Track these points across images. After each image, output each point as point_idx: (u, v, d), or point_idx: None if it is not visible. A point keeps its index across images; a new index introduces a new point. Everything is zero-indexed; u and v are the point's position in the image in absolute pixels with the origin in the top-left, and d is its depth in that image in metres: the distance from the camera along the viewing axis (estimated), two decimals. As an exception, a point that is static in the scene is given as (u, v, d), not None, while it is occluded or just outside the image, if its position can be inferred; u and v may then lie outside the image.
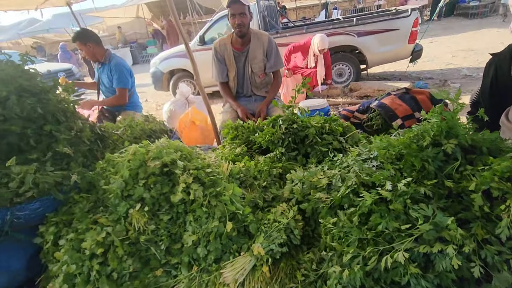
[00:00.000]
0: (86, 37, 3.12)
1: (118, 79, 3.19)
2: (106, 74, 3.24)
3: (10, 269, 1.23)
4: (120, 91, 3.22)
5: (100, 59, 3.21)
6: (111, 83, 3.25)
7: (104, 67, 3.24)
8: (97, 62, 3.26)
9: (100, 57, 3.20)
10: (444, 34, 10.76)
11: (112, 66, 3.19)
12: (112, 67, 3.18)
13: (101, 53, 3.19)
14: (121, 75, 3.20)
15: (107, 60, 3.21)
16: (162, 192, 1.18)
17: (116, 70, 3.18)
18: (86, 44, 3.10)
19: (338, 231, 0.94)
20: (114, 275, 1.09)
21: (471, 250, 0.72)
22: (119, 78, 3.19)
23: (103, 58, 3.20)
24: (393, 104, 2.83)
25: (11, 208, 1.16)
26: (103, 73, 3.27)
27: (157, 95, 8.18)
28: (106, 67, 3.22)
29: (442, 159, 0.91)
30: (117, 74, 3.17)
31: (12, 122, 1.25)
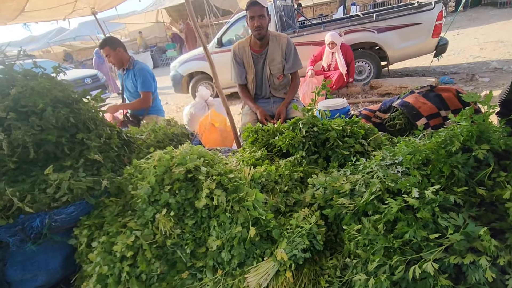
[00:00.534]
0: (115, 43, 3.27)
1: (142, 83, 3.31)
2: (130, 79, 3.36)
3: (48, 268, 1.32)
4: (144, 94, 3.33)
5: (125, 65, 3.34)
6: (135, 88, 3.37)
7: (128, 73, 3.37)
8: (122, 68, 3.40)
9: (125, 63, 3.33)
10: (471, 26, 10.22)
11: (136, 71, 3.31)
12: (136, 72, 3.31)
13: (126, 59, 3.33)
14: (145, 79, 3.32)
15: (131, 65, 3.33)
16: (186, 198, 1.22)
17: (140, 74, 3.30)
18: (115, 49, 3.24)
19: (363, 238, 0.93)
20: (143, 276, 1.14)
21: (506, 262, 0.69)
22: (143, 82, 3.31)
23: (128, 64, 3.33)
24: (416, 103, 2.74)
25: (49, 212, 1.24)
26: (128, 79, 3.39)
27: (177, 98, 8.38)
28: (131, 73, 3.34)
29: (473, 165, 0.87)
30: (141, 78, 3.29)
31: (49, 132, 1.34)
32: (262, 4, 2.51)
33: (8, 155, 1.25)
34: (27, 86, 1.27)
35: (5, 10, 4.04)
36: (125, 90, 3.54)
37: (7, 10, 3.99)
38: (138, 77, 3.30)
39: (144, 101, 3.36)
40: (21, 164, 1.35)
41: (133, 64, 3.34)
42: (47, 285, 1.37)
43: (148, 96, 3.36)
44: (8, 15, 4.26)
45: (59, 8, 4.67)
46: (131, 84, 3.38)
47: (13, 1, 3.69)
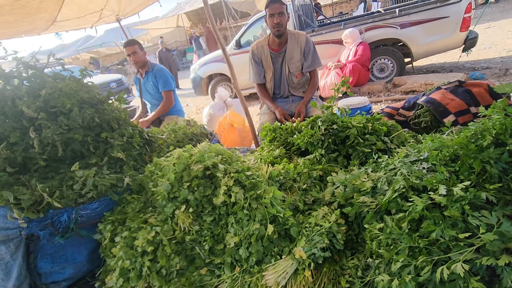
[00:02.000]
0: (141, 44, 3.37)
1: (164, 83, 3.38)
2: (151, 81, 3.43)
3: (75, 261, 1.38)
4: (167, 94, 3.40)
5: (145, 68, 3.44)
6: (156, 89, 3.43)
7: (148, 76, 3.44)
8: (140, 73, 3.48)
9: (145, 66, 3.43)
10: (504, 18, 9.59)
11: (156, 72, 3.39)
12: (156, 73, 3.38)
13: (146, 62, 3.44)
14: (166, 79, 3.39)
15: (150, 68, 3.42)
16: (205, 194, 1.23)
17: (161, 75, 3.38)
18: (143, 50, 3.36)
19: (386, 237, 0.89)
20: (163, 271, 1.16)
21: (548, 264, 0.63)
22: (165, 81, 3.38)
23: (147, 66, 3.43)
24: (444, 99, 2.60)
25: (76, 207, 1.30)
26: (148, 81, 3.45)
27: (197, 99, 8.55)
28: (150, 74, 3.41)
29: (507, 160, 0.81)
30: (162, 78, 3.37)
31: (75, 131, 1.41)
32: (282, 1, 2.51)
33: (39, 153, 1.33)
34: (56, 88, 1.35)
35: (38, 21, 4.32)
36: (145, 93, 3.60)
37: (40, 21, 4.26)
38: (159, 78, 3.37)
39: (168, 101, 3.42)
40: (50, 162, 1.43)
41: (152, 66, 3.43)
42: (74, 278, 1.43)
43: (170, 95, 3.42)
44: (42, 26, 4.55)
45: (87, 16, 4.92)
46: (152, 86, 3.44)
47: (46, 12, 3.93)
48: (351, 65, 5.34)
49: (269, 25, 2.63)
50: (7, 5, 3.03)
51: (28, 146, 1.34)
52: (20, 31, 4.28)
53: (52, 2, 3.45)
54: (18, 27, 4.04)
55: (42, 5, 3.43)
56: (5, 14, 3.30)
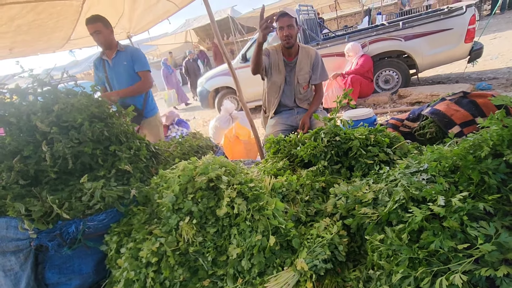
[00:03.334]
0: (108, 22, 2.85)
1: (142, 62, 2.95)
2: (124, 61, 2.93)
3: (82, 272, 1.40)
4: (145, 74, 2.97)
5: (114, 48, 2.94)
6: (131, 71, 2.95)
7: (120, 56, 2.94)
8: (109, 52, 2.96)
9: (114, 46, 2.94)
10: (510, 28, 9.58)
11: (132, 51, 2.99)
12: (133, 52, 2.98)
13: (115, 42, 2.96)
14: (144, 59, 3.01)
15: (122, 47, 2.97)
16: (208, 206, 1.26)
17: (138, 54, 2.99)
18: (108, 28, 2.85)
19: (386, 248, 0.89)
20: (166, 283, 1.17)
21: (547, 276, 0.63)
22: (143, 61, 2.96)
23: (118, 46, 2.96)
24: (448, 110, 2.60)
25: (84, 219, 1.34)
26: (119, 63, 2.94)
27: (204, 113, 8.69)
28: (123, 54, 2.94)
29: (506, 171, 0.81)
30: (139, 57, 2.97)
31: (85, 144, 1.46)
32: (291, 15, 2.59)
33: (50, 165, 1.38)
34: (68, 103, 1.42)
35: (54, 40, 4.53)
36: (114, 78, 3.02)
37: (56, 40, 4.47)
38: (136, 57, 2.95)
39: (146, 82, 2.97)
40: (61, 174, 1.48)
41: (124, 46, 2.99)
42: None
43: (149, 75, 3.01)
44: (57, 44, 4.77)
45: (99, 34, 5.14)
46: (125, 67, 2.94)
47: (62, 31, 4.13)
48: (350, 77, 5.39)
49: (279, 37, 2.71)
50: (24, 25, 3.19)
51: (40, 159, 1.39)
52: (36, 49, 4.49)
53: (67, 21, 3.61)
54: (35, 45, 4.24)
55: (58, 24, 3.59)
56: (22, 34, 3.47)
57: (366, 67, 5.47)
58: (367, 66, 5.48)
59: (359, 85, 5.45)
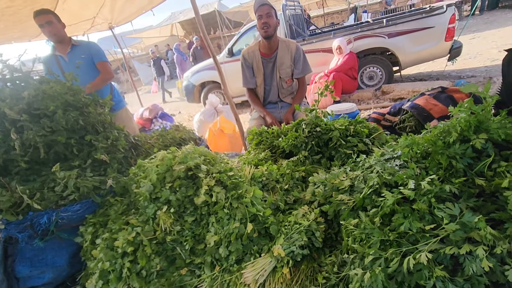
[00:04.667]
0: (58, 16, 2.74)
1: (99, 54, 2.89)
2: (81, 55, 2.82)
3: (55, 265, 1.36)
4: (104, 64, 2.89)
5: (68, 43, 2.81)
6: (89, 64, 2.86)
7: (75, 50, 2.82)
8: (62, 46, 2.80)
9: (67, 41, 2.80)
10: (488, 29, 9.94)
11: (87, 45, 2.89)
12: (89, 45, 2.89)
13: (68, 38, 2.83)
14: (101, 50, 2.94)
15: (77, 42, 2.87)
16: (187, 195, 1.24)
17: (95, 46, 2.91)
18: (60, 22, 2.74)
19: (360, 232, 0.91)
20: (143, 272, 1.16)
21: (505, 251, 0.65)
22: (100, 52, 2.90)
23: (72, 41, 2.85)
24: (427, 105, 2.68)
25: (57, 209, 1.29)
26: (76, 57, 2.80)
27: (190, 107, 8.57)
28: (79, 48, 2.84)
29: (472, 155, 0.84)
30: (97, 49, 2.90)
31: (59, 133, 1.41)
32: (270, 5, 2.58)
33: (21, 155, 1.32)
34: (40, 90, 1.36)
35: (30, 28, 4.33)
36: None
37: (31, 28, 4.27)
38: (93, 49, 2.88)
39: (107, 72, 2.90)
40: (33, 165, 1.43)
41: (79, 41, 2.89)
42: (54, 283, 1.41)
43: (108, 66, 2.94)
44: (32, 33, 4.56)
45: (79, 24, 4.96)
46: (84, 60, 2.82)
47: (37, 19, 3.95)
48: (332, 75, 5.44)
49: (258, 27, 2.69)
50: (-3, 12, 3.03)
51: (10, 148, 1.33)
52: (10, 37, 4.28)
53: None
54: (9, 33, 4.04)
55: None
56: (-6, 21, 3.30)
57: (349, 64, 5.52)
58: (351, 64, 5.53)
59: (341, 81, 5.49)
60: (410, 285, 0.74)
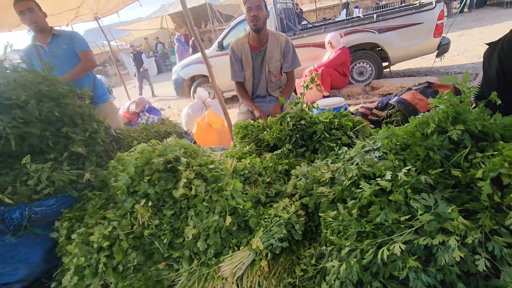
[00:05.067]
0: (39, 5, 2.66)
1: (81, 43, 2.79)
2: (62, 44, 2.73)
3: (29, 261, 1.31)
4: (86, 53, 2.79)
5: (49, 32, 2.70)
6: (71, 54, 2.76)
7: (57, 40, 2.72)
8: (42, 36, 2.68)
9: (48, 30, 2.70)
10: (476, 26, 10.10)
11: (68, 34, 2.79)
12: (70, 35, 2.79)
13: (48, 27, 2.74)
14: (83, 39, 2.83)
15: (58, 32, 2.76)
16: (166, 188, 1.21)
17: (77, 36, 2.81)
18: (41, 11, 2.65)
19: (338, 224, 0.90)
20: (119, 267, 1.12)
21: (477, 242, 0.65)
22: (82, 41, 2.80)
23: (53, 30, 2.75)
24: (413, 99, 2.70)
25: (30, 204, 1.25)
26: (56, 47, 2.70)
27: (179, 102, 8.45)
28: (60, 38, 2.74)
29: (449, 147, 0.84)
30: (78, 39, 2.80)
31: (32, 125, 1.35)
32: None
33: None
34: (10, 78, 1.29)
35: (9, 17, 4.16)
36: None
37: (11, 17, 4.10)
38: (75, 39, 2.77)
39: (89, 61, 2.80)
40: (5, 158, 1.37)
41: (61, 31, 2.79)
42: (28, 279, 1.36)
43: (90, 54, 2.83)
44: (12, 22, 4.39)
45: (62, 14, 4.79)
46: (65, 50, 2.73)
47: (17, 8, 3.79)
48: (321, 70, 5.41)
49: (247, 19, 2.64)
50: (-25, 0, 2.90)
51: (-21, 140, 1.27)
52: (-12, 27, 4.11)
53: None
54: (-13, 23, 3.87)
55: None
56: (-28, 9, 3.16)
57: (340, 60, 5.49)
58: (341, 59, 5.50)
59: (329, 77, 5.47)
60: (385, 276, 0.73)
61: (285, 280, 0.96)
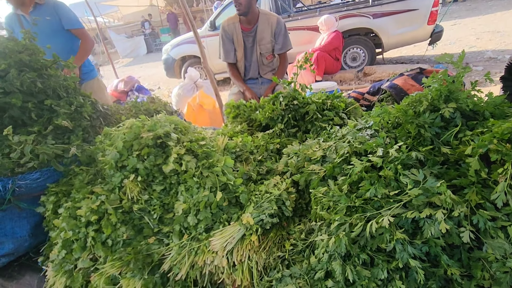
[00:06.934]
0: None
1: (71, 18, 2.52)
2: (44, 17, 2.44)
3: (15, 236, 1.29)
4: (81, 32, 2.58)
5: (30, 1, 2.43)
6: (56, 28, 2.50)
7: (39, 10, 2.45)
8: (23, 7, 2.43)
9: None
10: (469, 16, 10.12)
11: (53, 4, 2.49)
12: (55, 5, 2.49)
13: None
14: (73, 14, 2.56)
15: (41, 0, 2.47)
16: (155, 164, 1.18)
17: (63, 8, 2.52)
18: None
19: (328, 200, 0.91)
20: (108, 241, 1.12)
21: (462, 215, 0.67)
22: (72, 17, 2.53)
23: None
24: (405, 85, 2.71)
25: (13, 177, 1.21)
26: (38, 16, 2.41)
27: (170, 82, 8.25)
28: (43, 8, 2.47)
29: (440, 125, 0.85)
30: (66, 13, 2.51)
31: (13, 95, 1.29)
32: None
33: (-31, 117, 1.20)
34: (-13, 45, 1.21)
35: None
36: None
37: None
38: (61, 12, 2.49)
39: (89, 40, 2.62)
40: (-15, 130, 1.30)
41: (44, 0, 2.48)
42: (15, 253, 1.34)
43: (87, 32, 2.64)
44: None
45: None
46: (48, 22, 2.46)
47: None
48: (316, 54, 5.34)
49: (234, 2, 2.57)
50: None
51: (-44, 109, 1.21)
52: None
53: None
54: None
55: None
56: None
57: (334, 44, 5.42)
58: (335, 44, 5.43)
59: (324, 61, 5.42)
60: (372, 248, 0.75)
61: (275, 253, 0.97)
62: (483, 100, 0.84)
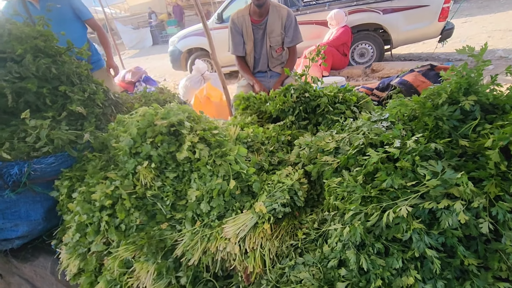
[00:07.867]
0: None
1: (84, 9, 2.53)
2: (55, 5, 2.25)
3: (29, 218, 1.31)
4: (95, 22, 2.61)
5: None
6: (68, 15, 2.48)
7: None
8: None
9: None
10: (480, 14, 9.93)
11: None
12: None
13: None
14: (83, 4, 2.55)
15: None
16: (169, 151, 1.20)
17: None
18: None
19: (342, 190, 0.91)
20: (122, 226, 1.13)
21: (481, 206, 0.67)
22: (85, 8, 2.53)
23: None
24: (415, 81, 2.68)
25: (28, 161, 1.22)
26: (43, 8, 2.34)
27: (176, 74, 8.25)
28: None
29: (459, 117, 0.84)
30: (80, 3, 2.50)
31: (29, 80, 1.30)
32: None
33: (-14, 101, 1.22)
34: (5, 29, 1.22)
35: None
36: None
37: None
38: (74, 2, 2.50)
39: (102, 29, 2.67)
40: (0, 114, 1.32)
41: None
42: (29, 236, 1.37)
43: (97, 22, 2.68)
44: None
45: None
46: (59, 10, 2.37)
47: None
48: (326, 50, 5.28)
49: None
50: None
51: (-27, 93, 1.22)
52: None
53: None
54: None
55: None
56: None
57: (342, 40, 5.36)
58: (344, 39, 5.37)
59: (332, 57, 5.37)
60: (388, 238, 0.76)
61: (287, 242, 0.98)
62: (504, 93, 0.84)
